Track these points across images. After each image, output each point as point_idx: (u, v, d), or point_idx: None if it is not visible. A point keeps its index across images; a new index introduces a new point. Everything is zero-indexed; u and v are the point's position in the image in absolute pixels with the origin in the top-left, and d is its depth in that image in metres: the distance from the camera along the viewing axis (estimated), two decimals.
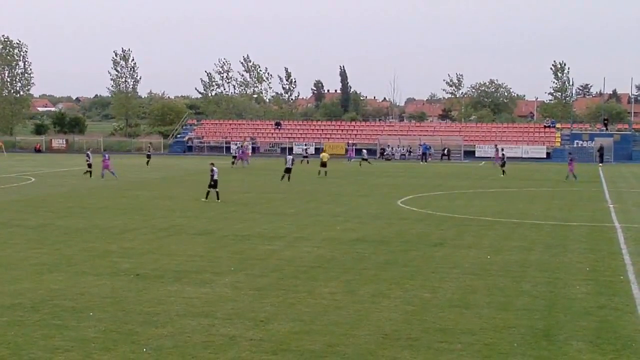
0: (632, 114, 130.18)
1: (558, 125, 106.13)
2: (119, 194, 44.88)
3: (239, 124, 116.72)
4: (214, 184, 41.67)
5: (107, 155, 57.84)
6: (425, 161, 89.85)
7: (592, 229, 31.71)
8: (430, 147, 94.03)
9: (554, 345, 14.94)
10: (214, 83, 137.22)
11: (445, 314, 17.14)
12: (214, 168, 42.06)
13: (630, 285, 20.44)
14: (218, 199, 41.11)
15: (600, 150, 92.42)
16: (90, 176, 56.64)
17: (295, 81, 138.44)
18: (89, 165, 58.09)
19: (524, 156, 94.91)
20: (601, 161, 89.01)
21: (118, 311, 17.17)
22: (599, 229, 31.67)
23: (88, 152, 60.54)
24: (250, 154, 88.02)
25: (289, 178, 55.55)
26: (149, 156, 76.41)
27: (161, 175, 61.80)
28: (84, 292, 19.04)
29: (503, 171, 64.43)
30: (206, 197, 41.51)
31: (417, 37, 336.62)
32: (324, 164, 62.60)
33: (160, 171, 66.33)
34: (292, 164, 57.43)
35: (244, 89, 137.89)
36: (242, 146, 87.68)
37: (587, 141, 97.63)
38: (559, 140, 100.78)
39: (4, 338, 15.03)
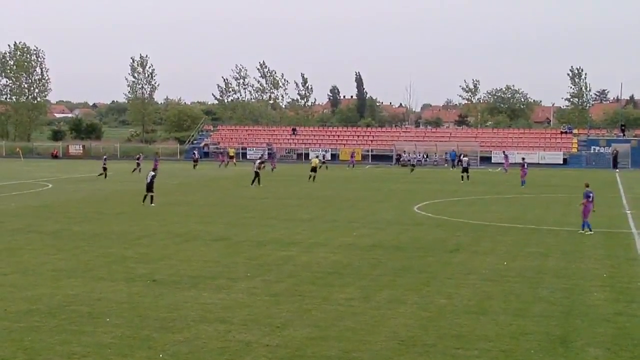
0: None
1: (575, 131, 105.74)
2: (135, 200, 44.92)
3: (255, 130, 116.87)
4: (148, 187, 42.24)
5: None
6: (453, 167, 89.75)
7: (609, 235, 31.54)
8: (457, 154, 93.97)
9: (571, 351, 14.86)
10: (230, 89, 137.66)
11: (461, 320, 17.09)
12: (152, 172, 43.48)
13: None
14: (152, 203, 41.71)
15: (615, 155, 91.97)
16: (105, 177, 62.68)
17: (311, 87, 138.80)
18: (104, 169, 64.42)
19: (540, 162, 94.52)
20: (615, 167, 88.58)
21: (134, 317, 17.21)
22: (616, 235, 31.52)
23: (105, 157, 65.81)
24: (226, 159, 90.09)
25: (259, 181, 56.20)
26: (138, 164, 71.61)
27: (177, 181, 61.92)
28: (100, 298, 19.09)
29: (463, 176, 64.27)
30: (143, 201, 42.09)
31: (432, 43, 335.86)
32: (314, 169, 63.14)
33: (176, 177, 66.44)
34: (259, 168, 58.09)
35: (260, 95, 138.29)
36: (269, 149, 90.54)
37: (604, 147, 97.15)
38: (576, 146, 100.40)
39: (21, 343, 15.10)
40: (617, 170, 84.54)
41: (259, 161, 60.06)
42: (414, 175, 73.38)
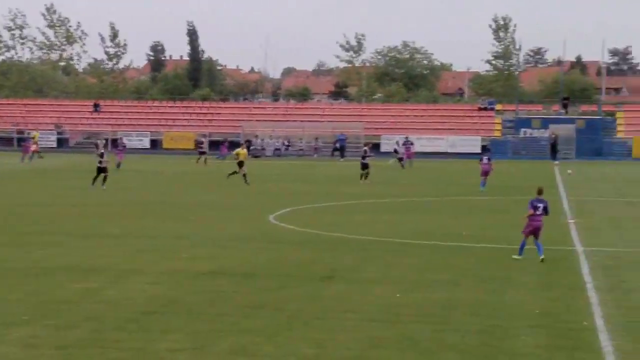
0: (603, 90, 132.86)
1: (499, 107, 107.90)
2: None
3: (39, 105, 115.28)
4: None
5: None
6: (342, 157, 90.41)
7: (544, 254, 32.12)
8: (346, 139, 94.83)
9: None
10: (0, 44, 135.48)
11: None
12: None
13: (597, 334, 20.71)
14: None
15: (554, 142, 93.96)
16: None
17: (125, 43, 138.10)
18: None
19: (450, 151, 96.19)
20: (554, 157, 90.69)
21: None
22: (555, 254, 32.11)
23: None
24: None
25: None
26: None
27: None
28: None
29: (362, 175, 63.72)
30: None
31: None
32: (240, 164, 61.33)
33: None
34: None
35: (47, 53, 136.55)
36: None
37: (538, 129, 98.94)
38: (500, 128, 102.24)
39: None
40: (557, 162, 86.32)
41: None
42: (270, 170, 73.49)
